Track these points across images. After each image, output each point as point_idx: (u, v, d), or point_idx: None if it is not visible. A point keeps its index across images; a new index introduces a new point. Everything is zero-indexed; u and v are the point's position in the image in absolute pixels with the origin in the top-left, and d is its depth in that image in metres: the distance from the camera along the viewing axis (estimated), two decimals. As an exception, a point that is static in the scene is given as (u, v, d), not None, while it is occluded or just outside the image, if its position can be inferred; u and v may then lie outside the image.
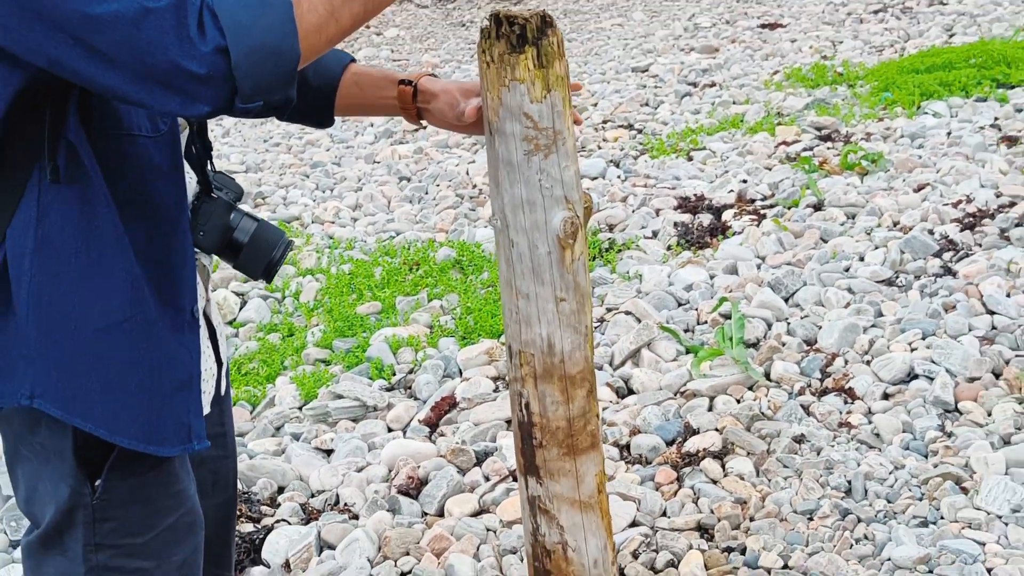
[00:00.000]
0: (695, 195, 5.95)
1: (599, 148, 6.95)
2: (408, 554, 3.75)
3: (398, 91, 2.47)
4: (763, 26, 9.10)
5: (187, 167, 2.24)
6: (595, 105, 7.79)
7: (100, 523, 2.16)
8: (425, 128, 3.36)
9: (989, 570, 3.32)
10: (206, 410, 2.29)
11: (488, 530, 3.87)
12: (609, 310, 5.05)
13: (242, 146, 8.17)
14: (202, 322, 2.30)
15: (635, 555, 3.57)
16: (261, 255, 2.37)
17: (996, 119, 6.27)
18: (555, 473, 2.35)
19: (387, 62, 10.03)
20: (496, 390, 4.63)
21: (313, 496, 4.12)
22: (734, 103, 7.41)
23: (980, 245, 5.02)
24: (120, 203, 2.07)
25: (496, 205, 2.30)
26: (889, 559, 3.43)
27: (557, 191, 2.22)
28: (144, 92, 1.88)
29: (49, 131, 2.02)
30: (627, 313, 4.94)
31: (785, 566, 3.47)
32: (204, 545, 2.34)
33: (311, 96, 2.47)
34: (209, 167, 2.33)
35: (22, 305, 2.07)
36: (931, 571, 3.38)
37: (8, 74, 1.95)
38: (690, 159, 6.44)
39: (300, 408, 4.65)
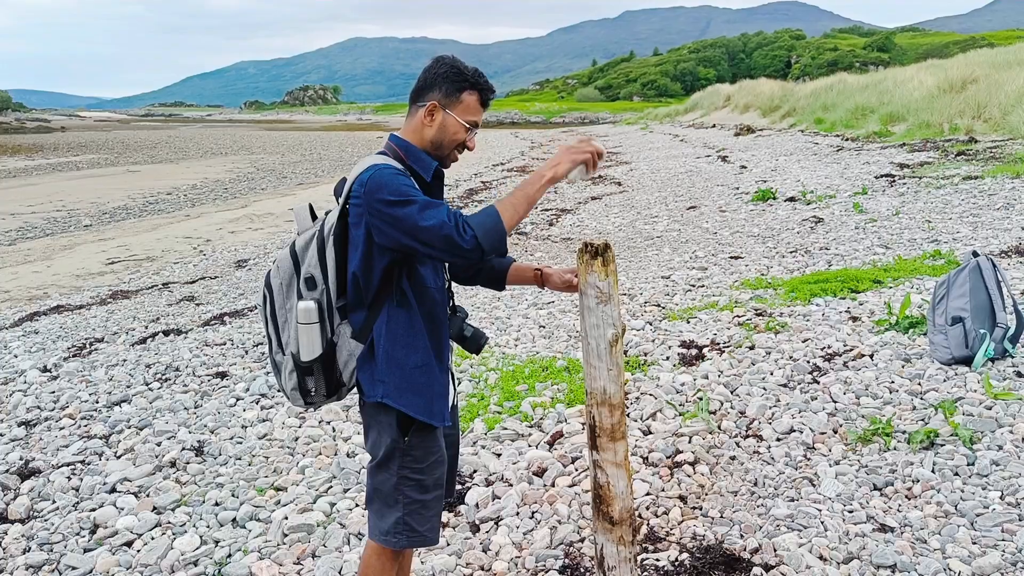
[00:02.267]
0: (689, 340, 5.83)
1: (641, 315, 6.89)
2: (536, 503, 3.87)
3: (533, 273, 2.74)
4: (732, 258, 9.01)
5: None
6: (641, 293, 7.72)
7: (404, 456, 2.47)
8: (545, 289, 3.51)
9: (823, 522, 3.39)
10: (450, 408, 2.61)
11: (572, 487, 3.92)
12: (642, 394, 4.94)
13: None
14: (452, 369, 2.66)
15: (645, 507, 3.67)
16: (476, 343, 2.70)
17: (848, 308, 6.17)
18: (605, 449, 2.47)
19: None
20: (584, 428, 4.58)
21: (491, 475, 4.21)
22: (713, 296, 7.23)
23: (832, 368, 4.91)
24: (423, 315, 2.47)
25: (582, 327, 2.46)
26: (771, 513, 3.47)
27: (610, 320, 2.42)
28: (447, 256, 2.33)
29: (396, 282, 2.42)
30: (651, 395, 4.89)
31: (720, 515, 3.56)
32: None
33: (497, 273, 2.75)
34: (453, 301, 2.65)
35: (379, 357, 2.43)
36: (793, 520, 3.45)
37: (382, 255, 2.36)
38: (688, 322, 6.42)
39: (485, 433, 4.70)
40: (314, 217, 2.50)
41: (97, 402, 6.07)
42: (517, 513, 3.80)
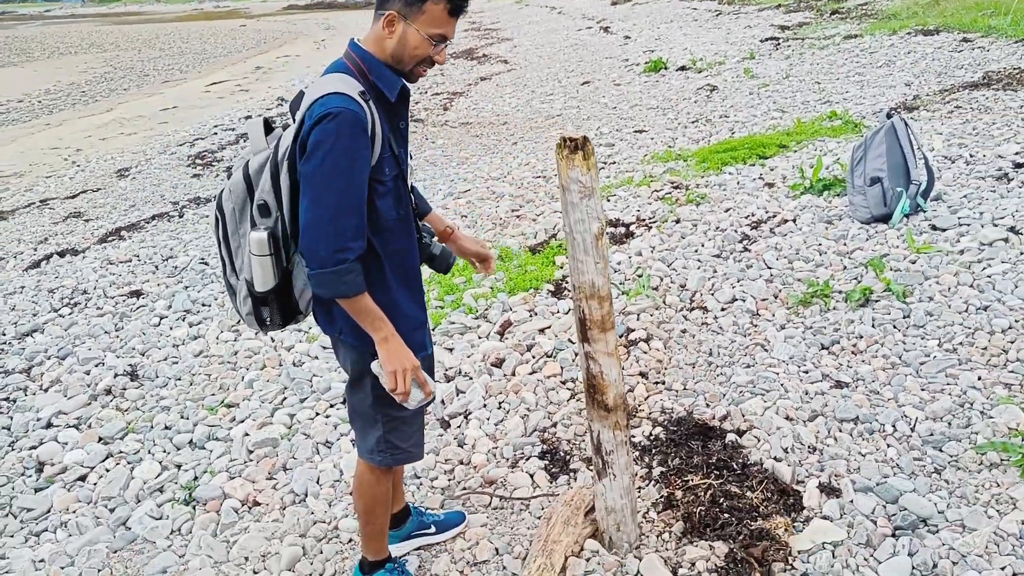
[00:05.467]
0: (615, 219, 5.84)
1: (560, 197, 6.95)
2: (501, 393, 3.91)
3: (444, 229, 2.65)
4: (636, 131, 9.02)
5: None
6: (556, 175, 7.60)
7: (375, 377, 2.27)
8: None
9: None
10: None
11: (533, 375, 3.97)
12: None
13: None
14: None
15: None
16: (444, 262, 2.58)
17: (761, 174, 6.31)
18: (596, 340, 2.49)
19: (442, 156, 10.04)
20: (532, 316, 4.63)
21: (448, 370, 4.21)
22: (626, 172, 7.24)
23: (761, 236, 5.02)
24: (383, 251, 2.24)
25: (566, 222, 2.41)
26: (732, 381, 3.61)
27: (593, 214, 2.38)
28: (301, 245, 2.13)
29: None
30: None
31: (684, 388, 3.69)
32: None
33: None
34: (418, 224, 2.45)
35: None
36: (753, 385, 3.63)
37: None
38: (608, 200, 6.33)
39: (433, 329, 4.48)
40: (268, 132, 2.23)
41: (3, 334, 5.71)
42: (484, 405, 3.84)
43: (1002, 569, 2.37)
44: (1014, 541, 2.46)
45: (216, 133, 14.10)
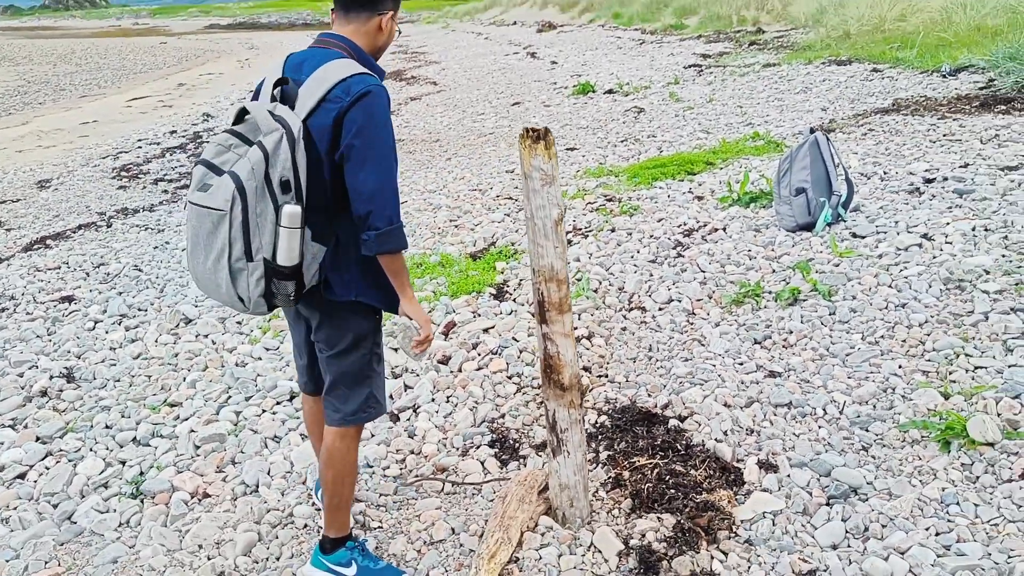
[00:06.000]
0: None
1: (497, 208, 6.95)
2: (449, 388, 4.00)
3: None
4: (568, 149, 9.15)
5: None
6: (491, 188, 7.74)
7: (371, 340, 2.58)
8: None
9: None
10: None
11: (480, 371, 4.06)
12: (522, 280, 5.13)
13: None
14: None
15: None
16: None
17: (690, 188, 6.53)
18: (554, 322, 2.61)
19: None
20: (475, 317, 4.72)
21: (395, 367, 4.23)
22: (561, 186, 7.51)
23: (693, 243, 5.23)
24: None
25: (528, 208, 2.53)
26: (672, 373, 3.79)
27: (554, 200, 2.50)
28: (358, 209, 2.32)
29: None
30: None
31: (626, 380, 3.84)
32: None
33: None
34: None
35: (349, 258, 2.42)
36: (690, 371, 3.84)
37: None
38: None
39: None
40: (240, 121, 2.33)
41: (-73, 340, 5.52)
42: (432, 399, 3.92)
43: (926, 530, 2.57)
44: (936, 506, 2.67)
45: (140, 147, 13.85)
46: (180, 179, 10.87)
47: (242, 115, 2.30)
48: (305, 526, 3.12)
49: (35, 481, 3.72)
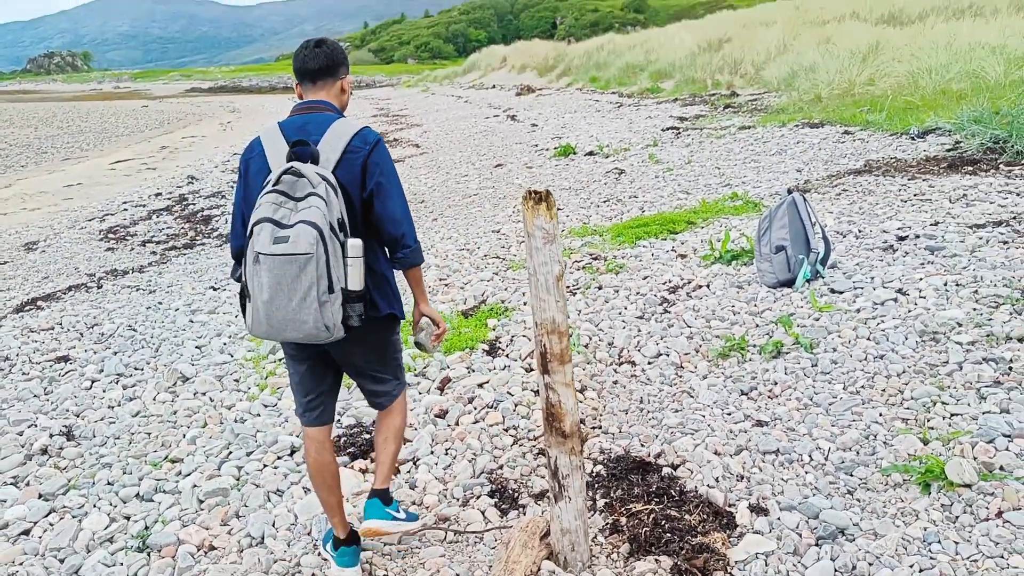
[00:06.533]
0: None
1: (486, 267, 7.19)
2: (447, 441, 4.13)
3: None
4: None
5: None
6: (479, 247, 7.98)
7: (396, 337, 3.14)
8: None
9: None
10: None
11: (476, 424, 4.23)
12: (513, 336, 5.29)
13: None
14: None
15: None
16: None
17: (673, 247, 6.73)
18: (555, 372, 2.76)
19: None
20: (470, 372, 4.89)
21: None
22: None
23: (679, 299, 5.39)
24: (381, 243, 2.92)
25: (530, 265, 2.71)
26: (663, 423, 3.98)
27: (555, 257, 2.68)
28: (390, 232, 2.89)
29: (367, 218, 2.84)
30: (524, 336, 5.23)
31: (619, 431, 4.00)
32: None
33: None
34: None
35: (382, 279, 2.91)
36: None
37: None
38: None
39: None
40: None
41: (-83, 400, 5.58)
42: (432, 452, 4.05)
43: (910, 567, 2.72)
44: (919, 544, 2.82)
45: (126, 209, 14.01)
46: (168, 240, 11.01)
47: (278, 178, 2.61)
48: (312, 575, 3.22)
49: (40, 537, 3.79)
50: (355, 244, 2.63)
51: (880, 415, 3.65)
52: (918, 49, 14.81)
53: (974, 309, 4.35)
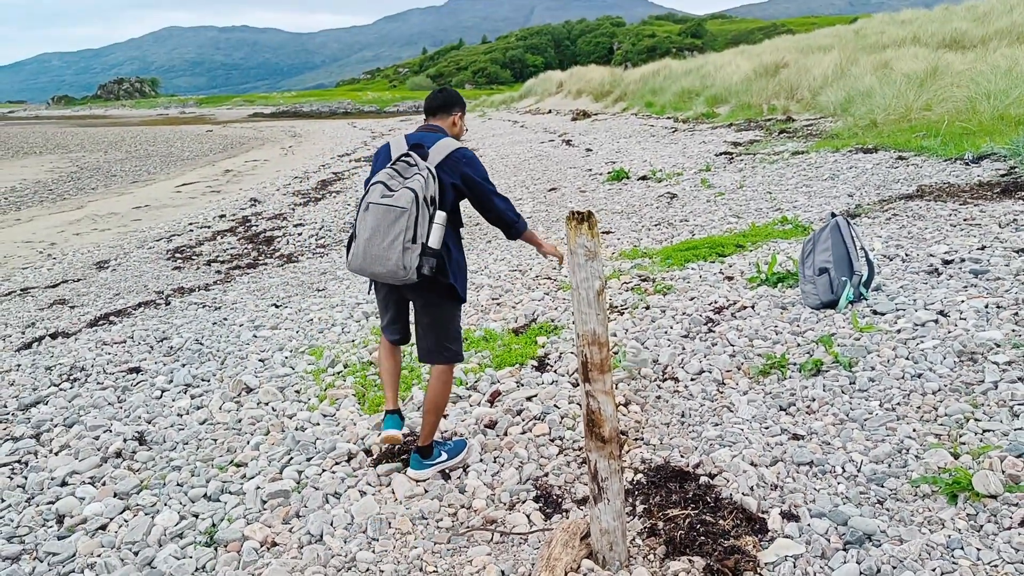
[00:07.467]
0: None
1: (537, 287, 7.43)
2: (496, 450, 4.36)
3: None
4: (604, 232, 9.76)
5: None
6: (531, 268, 8.22)
7: (454, 307, 3.93)
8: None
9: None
10: None
11: (524, 434, 4.42)
12: (562, 354, 5.48)
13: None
14: None
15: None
16: None
17: (720, 270, 6.89)
18: (595, 380, 2.91)
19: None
20: (519, 386, 5.09)
21: (444, 432, 4.55)
22: None
23: (723, 319, 5.52)
24: (458, 232, 3.87)
25: (573, 280, 2.88)
26: (703, 436, 4.15)
27: (596, 274, 2.86)
28: (498, 220, 3.95)
29: (453, 209, 3.77)
30: (572, 353, 5.41)
31: (660, 443, 4.16)
32: None
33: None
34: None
35: (450, 256, 3.73)
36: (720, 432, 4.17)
37: (452, 194, 3.72)
38: None
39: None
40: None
41: (5, 407, 6.00)
42: (481, 459, 4.27)
43: (932, 571, 2.85)
44: (942, 550, 2.95)
45: (192, 230, 14.60)
46: (232, 260, 11.50)
47: (396, 160, 3.62)
48: (368, 570, 3.46)
49: (115, 532, 4.10)
50: (441, 215, 3.52)
51: (914, 430, 3.78)
52: (978, 74, 14.73)
53: (1013, 331, 4.45)
